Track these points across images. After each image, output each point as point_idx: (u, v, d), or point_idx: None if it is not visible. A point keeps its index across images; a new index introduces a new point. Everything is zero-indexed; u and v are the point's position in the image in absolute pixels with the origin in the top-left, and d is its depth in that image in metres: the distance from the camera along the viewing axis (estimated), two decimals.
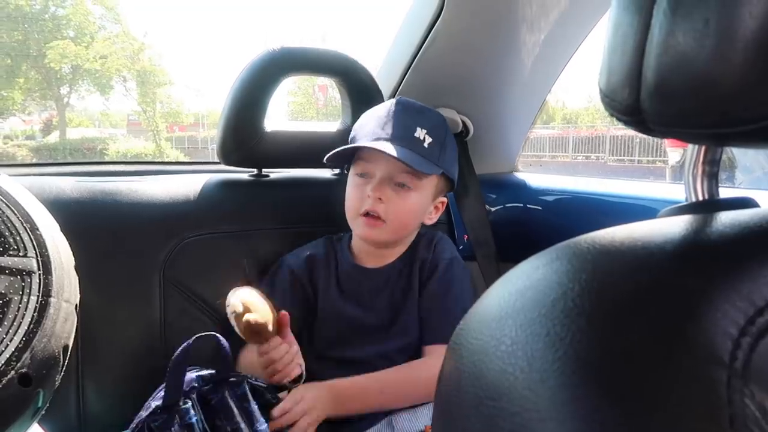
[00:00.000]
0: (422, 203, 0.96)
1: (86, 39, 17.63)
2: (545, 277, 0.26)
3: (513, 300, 0.26)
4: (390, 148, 0.87)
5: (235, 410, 0.75)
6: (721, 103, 0.25)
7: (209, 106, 23.62)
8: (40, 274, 0.53)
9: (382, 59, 1.27)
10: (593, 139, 14.13)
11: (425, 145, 0.91)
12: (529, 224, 1.24)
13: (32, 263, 0.53)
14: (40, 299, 0.52)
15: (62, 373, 0.57)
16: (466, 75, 1.19)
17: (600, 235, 0.28)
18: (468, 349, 0.26)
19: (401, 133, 0.90)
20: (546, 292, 0.25)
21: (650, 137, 0.32)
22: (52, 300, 0.53)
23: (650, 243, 0.26)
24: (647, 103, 0.27)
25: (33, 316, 0.50)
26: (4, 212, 0.54)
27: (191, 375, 0.78)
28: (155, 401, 0.75)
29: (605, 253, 0.26)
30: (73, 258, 0.62)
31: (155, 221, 1.02)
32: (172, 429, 0.72)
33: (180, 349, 0.76)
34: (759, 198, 0.35)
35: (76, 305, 0.59)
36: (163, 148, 18.14)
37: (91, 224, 0.97)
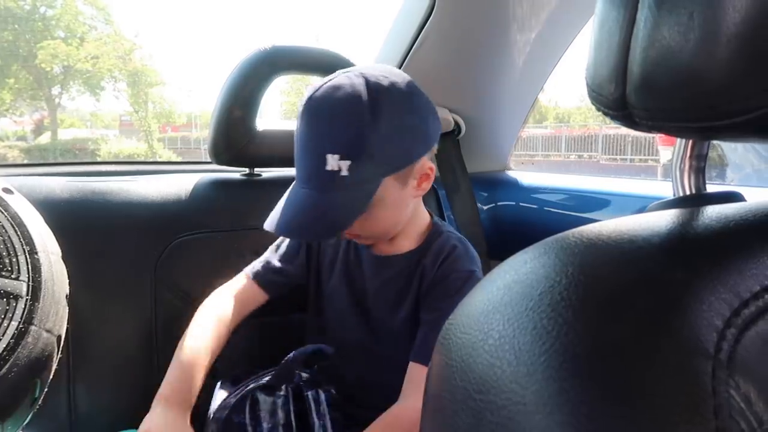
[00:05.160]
0: (394, 202, 0.79)
1: (77, 39, 17.55)
2: (533, 271, 0.26)
3: (501, 294, 0.26)
4: (290, 220, 0.75)
5: (313, 408, 0.79)
6: (707, 96, 0.25)
7: (202, 106, 23.57)
8: (27, 300, 0.51)
9: (374, 58, 1.27)
10: (586, 138, 14.20)
11: (343, 173, 0.71)
12: (521, 222, 1.24)
13: (22, 287, 0.52)
14: (20, 326, 0.50)
15: (33, 407, 0.55)
16: (457, 74, 1.19)
17: (587, 229, 0.28)
18: (456, 343, 0.26)
19: (313, 170, 0.73)
20: (533, 285, 0.25)
21: (643, 136, 0.32)
22: (33, 328, 0.51)
23: (637, 236, 0.26)
24: (633, 98, 0.27)
25: (9, 342, 0.49)
26: (7, 232, 0.54)
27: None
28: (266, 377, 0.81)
29: (592, 247, 0.26)
30: (67, 287, 0.61)
31: (147, 221, 1.01)
32: (279, 396, 0.78)
33: (298, 351, 0.79)
34: (749, 195, 0.36)
35: (60, 336, 0.57)
36: (156, 148, 18.07)
37: (83, 224, 0.97)
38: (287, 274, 0.95)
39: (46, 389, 0.56)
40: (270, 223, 0.77)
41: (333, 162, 0.71)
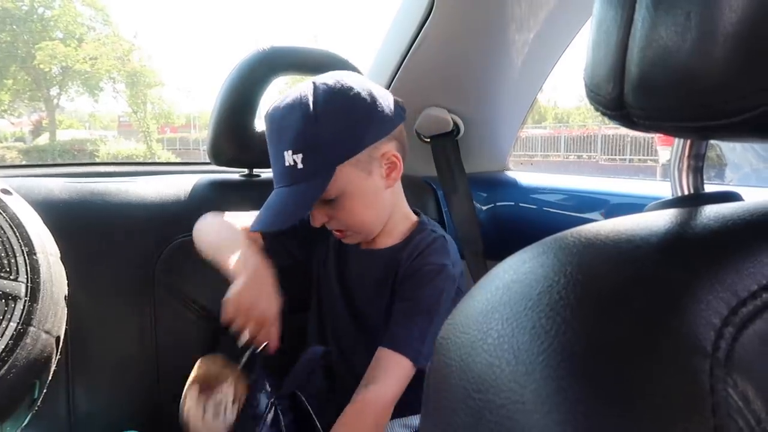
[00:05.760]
0: (362, 192, 0.83)
1: (75, 40, 17.53)
2: (531, 271, 0.26)
3: (500, 294, 0.26)
4: (262, 216, 0.83)
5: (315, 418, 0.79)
6: (703, 96, 0.25)
7: (201, 107, 23.55)
8: (25, 301, 0.51)
9: (373, 59, 1.27)
10: (585, 138, 14.20)
11: (299, 166, 0.78)
12: (520, 222, 1.24)
13: (21, 288, 0.51)
14: (19, 327, 0.50)
15: (32, 408, 0.55)
16: (456, 74, 1.19)
17: (586, 229, 0.28)
18: (455, 343, 0.26)
19: (278, 169, 0.82)
20: (532, 285, 0.25)
21: (641, 136, 0.32)
22: (32, 329, 0.51)
23: (635, 236, 0.26)
24: (631, 97, 0.28)
25: (8, 343, 0.49)
26: (5, 233, 0.53)
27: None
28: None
29: (591, 247, 0.26)
30: (66, 288, 0.60)
31: (146, 222, 1.01)
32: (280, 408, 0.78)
33: (310, 355, 0.81)
34: (747, 195, 0.36)
35: (59, 337, 0.57)
36: (155, 149, 18.04)
37: (81, 225, 0.97)
38: (290, 246, 0.97)
39: (45, 390, 0.56)
40: (252, 224, 0.85)
41: (288, 158, 0.79)
